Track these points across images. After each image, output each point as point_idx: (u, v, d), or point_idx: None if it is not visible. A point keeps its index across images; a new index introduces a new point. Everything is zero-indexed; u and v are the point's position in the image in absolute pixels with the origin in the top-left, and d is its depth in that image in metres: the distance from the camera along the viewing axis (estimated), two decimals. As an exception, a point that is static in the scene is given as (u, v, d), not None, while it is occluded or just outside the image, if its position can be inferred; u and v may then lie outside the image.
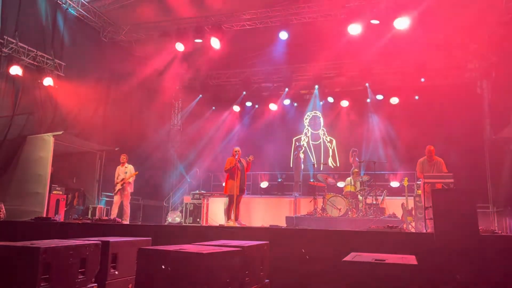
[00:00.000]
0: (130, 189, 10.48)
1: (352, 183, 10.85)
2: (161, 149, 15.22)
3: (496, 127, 11.91)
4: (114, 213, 10.30)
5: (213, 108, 16.03)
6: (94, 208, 10.87)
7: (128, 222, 9.95)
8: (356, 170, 11.06)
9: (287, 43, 12.29)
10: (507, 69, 10.79)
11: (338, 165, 14.68)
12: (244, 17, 11.71)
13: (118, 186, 10.32)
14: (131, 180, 10.45)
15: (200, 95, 15.75)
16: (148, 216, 13.47)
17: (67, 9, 11.34)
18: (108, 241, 4.25)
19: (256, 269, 4.08)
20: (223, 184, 9.67)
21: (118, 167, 10.57)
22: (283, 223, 10.47)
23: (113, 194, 10.57)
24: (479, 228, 5.02)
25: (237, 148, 9.15)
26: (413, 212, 9.46)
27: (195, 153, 15.68)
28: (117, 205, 10.37)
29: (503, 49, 11.31)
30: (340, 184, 11.84)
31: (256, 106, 15.61)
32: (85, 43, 11.98)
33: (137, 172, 10.61)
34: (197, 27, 11.66)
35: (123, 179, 10.32)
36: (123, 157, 10.57)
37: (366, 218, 9.75)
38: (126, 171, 10.41)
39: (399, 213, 10.01)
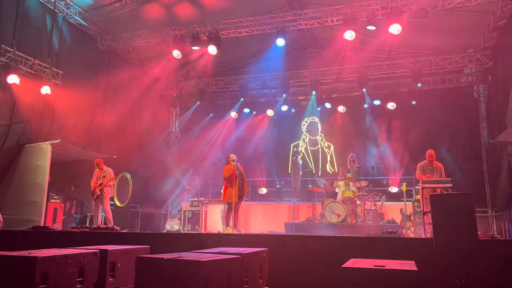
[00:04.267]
0: (109, 193, 9.84)
1: (345, 188, 10.81)
2: (159, 156, 15.19)
3: (493, 131, 11.96)
4: (96, 221, 9.69)
5: (211, 115, 16.04)
6: (92, 217, 10.78)
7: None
8: (349, 175, 11.02)
9: (284, 50, 12.32)
10: (503, 73, 10.85)
11: (336, 170, 14.68)
12: (241, 24, 11.75)
13: (97, 192, 9.67)
14: (111, 183, 9.85)
15: (198, 102, 15.76)
16: (146, 224, 13.41)
17: (65, 17, 11.36)
18: (106, 249, 4.24)
19: (255, 276, 4.06)
20: (221, 191, 9.63)
21: (95, 170, 9.99)
22: (282, 230, 10.44)
23: (93, 199, 9.87)
24: (478, 232, 5.02)
25: (234, 155, 9.14)
26: (412, 217, 9.44)
27: (193, 160, 15.66)
28: (97, 211, 9.73)
29: (499, 53, 11.39)
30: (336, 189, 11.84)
31: (254, 112, 15.61)
32: (83, 51, 11.99)
33: (114, 178, 9.96)
34: (194, 35, 11.69)
35: (101, 184, 9.69)
36: (98, 162, 9.89)
37: (365, 224, 9.73)
38: (104, 175, 9.77)
39: (398, 218, 10.00)
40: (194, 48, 11.79)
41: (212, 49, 11.52)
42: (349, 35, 10.50)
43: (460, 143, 12.95)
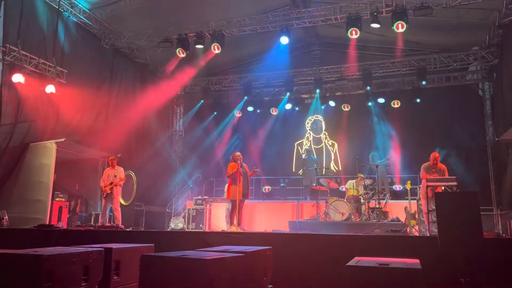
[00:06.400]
0: (119, 192, 9.92)
1: (355, 186, 10.84)
2: (163, 155, 15.22)
3: (499, 129, 11.89)
4: (103, 220, 9.85)
5: (215, 113, 16.03)
6: (97, 215, 10.82)
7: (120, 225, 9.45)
8: (361, 175, 11.05)
9: (288, 48, 12.30)
10: (508, 70, 10.78)
11: (340, 168, 14.66)
12: (244, 22, 11.73)
13: (107, 190, 9.77)
14: (121, 183, 9.94)
15: (202, 101, 15.76)
16: (150, 222, 13.45)
17: (69, 16, 11.38)
18: (111, 248, 4.25)
19: (259, 274, 4.07)
20: (225, 190, 9.64)
21: (107, 169, 10.15)
22: (286, 228, 10.43)
23: (102, 197, 9.98)
24: (483, 231, 4.99)
25: (238, 153, 9.13)
26: (417, 216, 9.41)
27: (197, 158, 15.69)
28: (105, 210, 9.87)
29: (504, 51, 11.32)
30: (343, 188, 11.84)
31: (258, 111, 15.61)
32: (87, 50, 12.01)
33: (125, 179, 10.06)
34: (198, 33, 11.69)
35: (112, 183, 9.77)
36: (113, 159, 10.03)
37: (369, 222, 9.71)
38: (115, 174, 9.87)
39: (402, 217, 9.96)
40: (198, 46, 11.79)
41: (216, 48, 11.52)
42: (353, 33, 10.46)
43: (465, 141, 12.87)
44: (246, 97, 15.21)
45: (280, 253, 5.04)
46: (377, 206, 10.31)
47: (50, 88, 10.02)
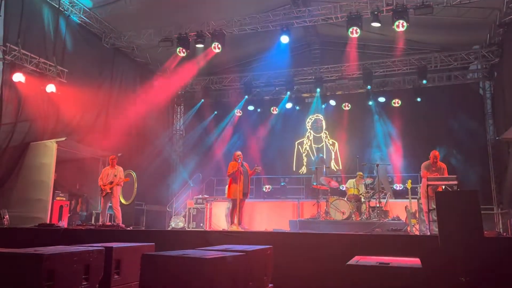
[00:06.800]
0: (118, 191, 9.89)
1: (355, 185, 10.85)
2: (164, 154, 15.22)
3: (499, 128, 11.89)
4: (102, 219, 9.86)
5: (215, 112, 16.03)
6: (98, 214, 10.82)
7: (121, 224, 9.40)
8: (360, 173, 11.07)
9: (288, 47, 12.30)
10: (509, 69, 10.77)
11: (340, 168, 14.66)
12: (245, 22, 11.73)
13: (107, 189, 9.73)
14: (122, 183, 9.93)
15: (202, 100, 15.76)
16: (151, 222, 13.47)
17: (69, 16, 11.38)
18: (112, 247, 4.25)
19: (259, 273, 4.07)
20: (225, 189, 9.65)
21: (106, 168, 10.14)
22: (286, 227, 10.44)
23: (101, 196, 9.96)
24: (483, 230, 4.99)
25: (239, 153, 9.14)
26: (417, 215, 9.41)
27: (198, 157, 15.69)
28: (105, 209, 9.87)
29: (505, 49, 11.31)
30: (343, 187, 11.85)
31: (258, 110, 15.61)
32: (87, 50, 12.02)
33: (128, 179, 10.16)
34: (198, 32, 11.69)
35: (112, 182, 9.74)
36: (113, 158, 10.01)
37: (369, 221, 9.71)
38: (115, 174, 9.83)
39: (403, 216, 9.97)
40: (198, 45, 11.78)
41: (216, 47, 11.51)
42: (353, 32, 10.46)
43: (465, 140, 12.88)
44: (246, 96, 15.21)
45: (280, 252, 5.03)
46: (378, 205, 10.32)
47: (51, 88, 10.02)
